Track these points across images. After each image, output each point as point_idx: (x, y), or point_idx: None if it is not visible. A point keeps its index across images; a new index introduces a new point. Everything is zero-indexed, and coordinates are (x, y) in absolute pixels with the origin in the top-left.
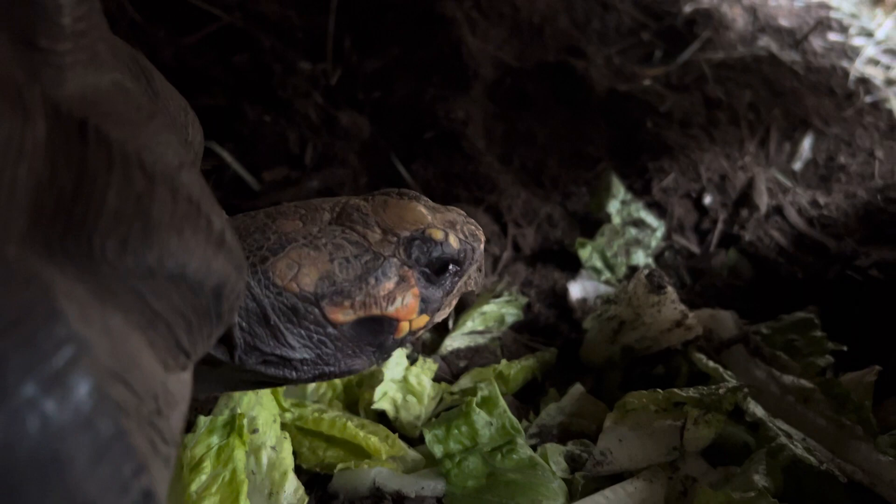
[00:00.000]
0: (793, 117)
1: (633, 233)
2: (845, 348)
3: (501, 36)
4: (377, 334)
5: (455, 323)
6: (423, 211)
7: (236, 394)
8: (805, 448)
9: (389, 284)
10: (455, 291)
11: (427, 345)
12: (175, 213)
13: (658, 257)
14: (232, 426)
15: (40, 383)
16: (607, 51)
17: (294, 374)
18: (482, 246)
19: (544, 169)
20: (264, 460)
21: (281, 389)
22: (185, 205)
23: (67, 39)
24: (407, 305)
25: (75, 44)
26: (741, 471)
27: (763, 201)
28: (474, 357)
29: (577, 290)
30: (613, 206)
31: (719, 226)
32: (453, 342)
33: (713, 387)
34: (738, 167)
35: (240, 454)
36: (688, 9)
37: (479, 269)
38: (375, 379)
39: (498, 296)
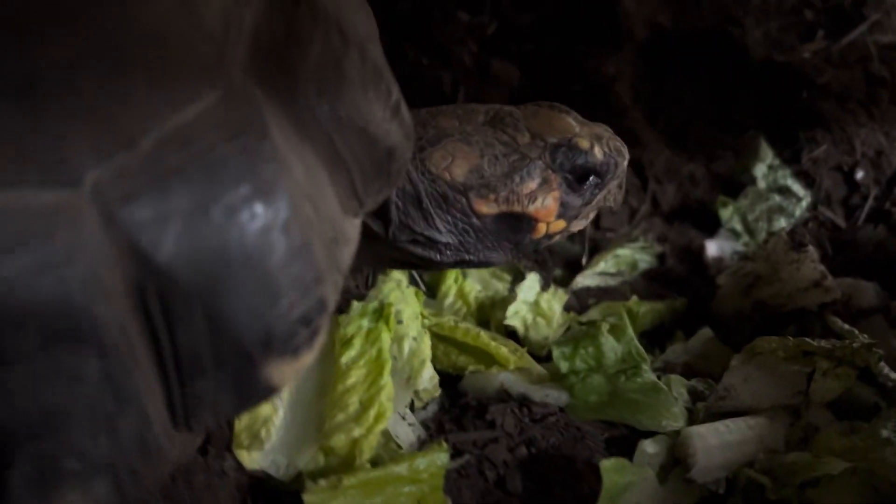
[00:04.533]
0: None
1: (777, 199)
2: None
3: (659, 0)
4: (516, 231)
5: (588, 261)
6: (572, 122)
7: (385, 288)
8: None
9: (532, 184)
10: (594, 203)
11: (558, 280)
12: (364, 74)
13: (802, 226)
14: (380, 313)
15: (252, 187)
16: (766, 26)
17: (438, 256)
18: (625, 163)
19: (690, 130)
20: (406, 348)
21: (422, 297)
22: (371, 70)
23: None
24: (547, 207)
25: None
26: (869, 427)
27: None
28: (603, 296)
29: (714, 248)
30: (760, 170)
31: (870, 201)
32: (584, 280)
33: (847, 341)
34: None
35: (386, 338)
36: None
37: (620, 186)
38: (508, 299)
39: (634, 240)
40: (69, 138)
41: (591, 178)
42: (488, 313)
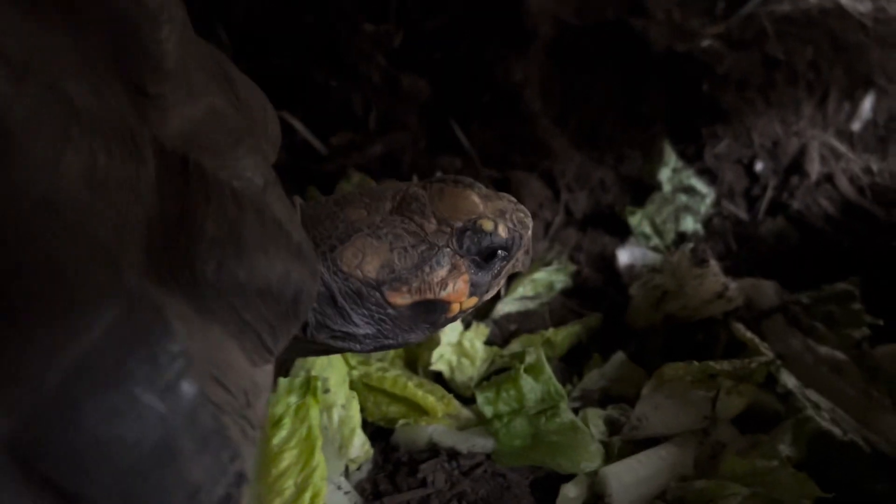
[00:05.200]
0: (855, 75)
1: (683, 199)
2: (881, 322)
3: None
4: (431, 314)
5: (507, 289)
6: (476, 200)
7: (310, 358)
8: (831, 419)
9: (442, 272)
10: (503, 274)
11: (480, 309)
12: (262, 233)
13: (707, 223)
14: (307, 387)
15: (158, 392)
16: (668, 4)
17: (358, 346)
18: (529, 232)
19: (600, 130)
20: (335, 417)
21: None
22: (270, 225)
23: (170, 81)
24: (458, 290)
25: (176, 82)
26: (768, 439)
27: (814, 168)
28: (524, 321)
29: (625, 256)
30: (664, 174)
31: (769, 193)
32: (505, 307)
33: (746, 360)
34: (792, 132)
35: (314, 412)
36: None
37: (527, 252)
38: (433, 342)
39: (548, 264)
40: None
41: (498, 253)
42: (415, 353)
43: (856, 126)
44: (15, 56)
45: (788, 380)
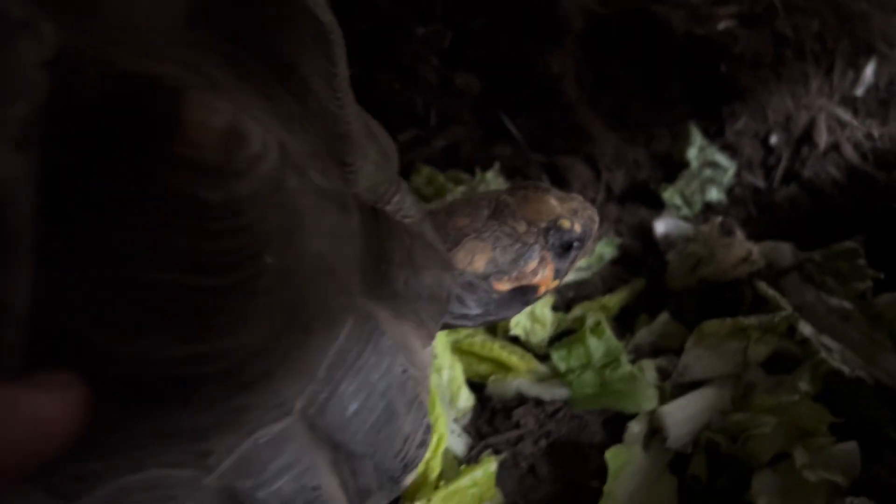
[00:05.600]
0: (858, 43)
1: (708, 173)
2: (882, 275)
3: None
4: (525, 295)
5: None
6: (554, 203)
7: None
8: (841, 359)
9: (534, 264)
10: (577, 259)
11: None
12: (425, 254)
13: (729, 192)
14: None
15: (381, 373)
16: None
17: (470, 322)
18: (596, 225)
19: (630, 113)
20: (444, 377)
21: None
22: (428, 247)
23: (355, 150)
24: (546, 276)
25: (357, 150)
26: (790, 379)
27: (822, 139)
28: (580, 289)
29: (661, 227)
30: (692, 153)
31: (783, 163)
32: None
33: (770, 314)
34: (801, 106)
35: (431, 375)
36: None
37: (594, 241)
38: None
39: (598, 239)
40: (286, 389)
41: (574, 244)
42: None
43: (859, 91)
44: (294, 159)
45: (805, 328)
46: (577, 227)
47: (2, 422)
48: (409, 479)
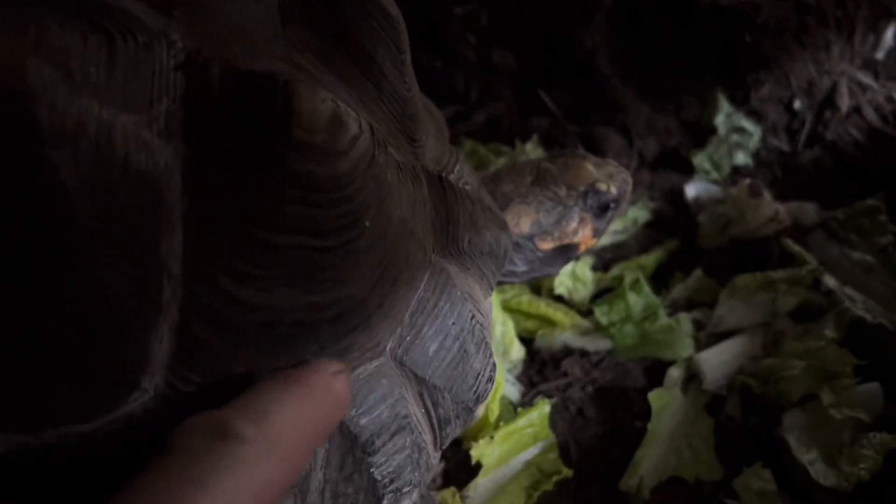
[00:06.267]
0: (878, 8)
1: (735, 138)
2: None
3: None
4: (566, 252)
5: None
6: (591, 168)
7: None
8: (864, 308)
9: (574, 224)
10: (613, 219)
11: None
12: (484, 216)
13: (756, 156)
14: None
15: (455, 317)
16: None
17: (517, 279)
18: (630, 187)
19: (660, 83)
20: (498, 331)
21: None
22: (487, 211)
23: (421, 127)
24: (585, 235)
25: (423, 127)
26: (816, 326)
27: (844, 102)
28: (617, 250)
29: (691, 190)
30: (719, 119)
31: (806, 126)
32: (602, 240)
33: (796, 269)
34: (823, 71)
35: None
36: None
37: (628, 202)
38: (552, 274)
39: (633, 203)
40: (380, 332)
41: (611, 205)
42: (539, 282)
43: (879, 55)
44: (381, 138)
45: (829, 281)
46: (613, 190)
47: (326, 400)
48: (481, 409)
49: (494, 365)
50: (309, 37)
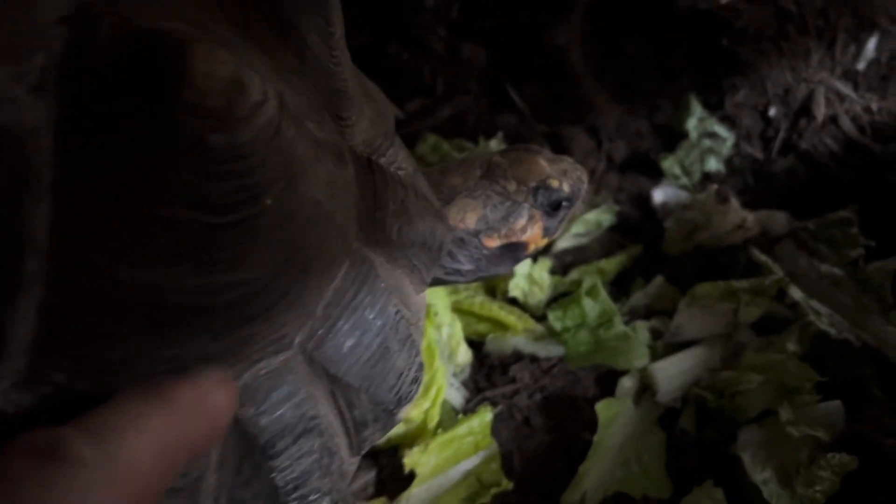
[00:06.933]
0: (861, 18)
1: (707, 143)
2: (873, 244)
3: None
4: (514, 252)
5: (563, 228)
6: (544, 164)
7: None
8: (829, 322)
9: (523, 221)
10: (566, 218)
11: (545, 246)
12: (418, 204)
13: (728, 163)
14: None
15: (376, 311)
16: None
17: (462, 278)
18: (585, 185)
19: (634, 85)
20: (444, 333)
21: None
22: (421, 198)
23: (351, 106)
24: (534, 233)
25: (354, 106)
26: (779, 339)
27: (821, 111)
28: (578, 254)
29: (659, 195)
30: (691, 123)
31: (781, 134)
32: (563, 243)
33: (760, 278)
34: (801, 79)
35: (430, 330)
36: None
37: (583, 201)
38: (509, 274)
39: (596, 206)
40: (287, 324)
41: (563, 204)
42: (493, 283)
43: (861, 66)
44: (292, 109)
45: (795, 293)
46: (566, 187)
47: (195, 416)
48: (403, 412)
49: (421, 365)
50: (229, 4)
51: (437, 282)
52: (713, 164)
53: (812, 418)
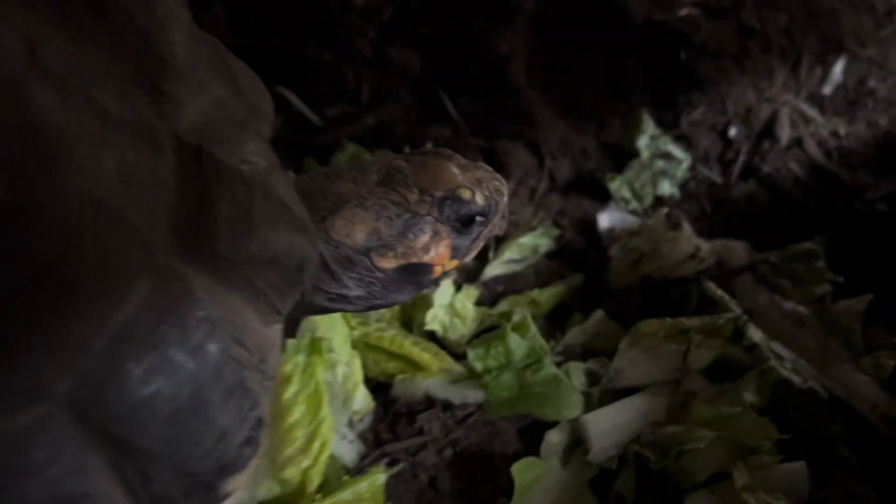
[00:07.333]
0: (827, 40)
1: (660, 164)
2: (842, 279)
3: None
4: (416, 275)
5: (495, 252)
6: (455, 171)
7: (315, 319)
8: (792, 368)
9: (425, 238)
10: (481, 238)
11: (470, 272)
12: (268, 210)
13: (683, 186)
14: (313, 347)
15: (188, 352)
16: None
17: (350, 306)
18: (505, 199)
19: (582, 99)
20: (339, 374)
21: (348, 314)
22: (275, 202)
23: (181, 79)
24: (440, 253)
25: (186, 79)
26: (734, 388)
27: (785, 133)
28: (511, 282)
29: (605, 220)
30: (643, 142)
31: (741, 157)
32: (493, 269)
33: (715, 316)
34: (764, 98)
35: (321, 371)
36: None
37: (504, 217)
38: (427, 303)
39: (533, 228)
40: (42, 367)
41: (476, 219)
42: (410, 314)
43: (827, 90)
44: (57, 69)
45: (754, 333)
46: (479, 199)
47: None
48: (232, 484)
49: (260, 421)
50: None
51: (322, 310)
52: (666, 188)
53: (772, 483)
